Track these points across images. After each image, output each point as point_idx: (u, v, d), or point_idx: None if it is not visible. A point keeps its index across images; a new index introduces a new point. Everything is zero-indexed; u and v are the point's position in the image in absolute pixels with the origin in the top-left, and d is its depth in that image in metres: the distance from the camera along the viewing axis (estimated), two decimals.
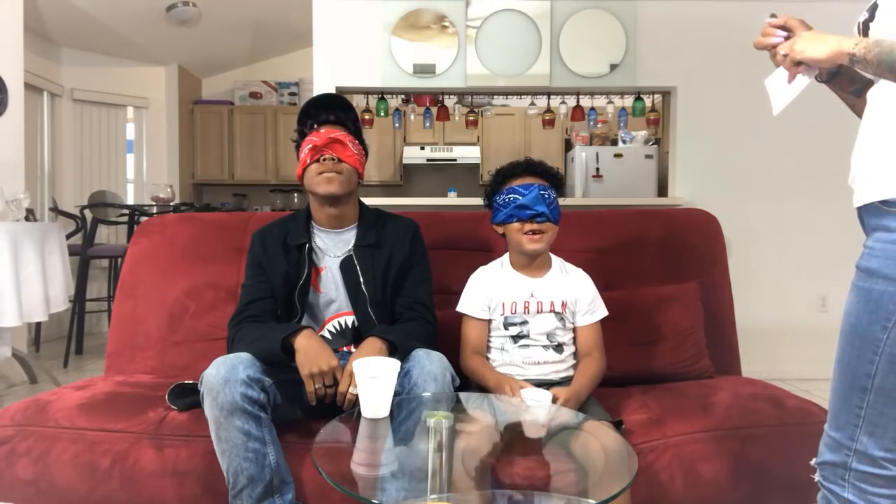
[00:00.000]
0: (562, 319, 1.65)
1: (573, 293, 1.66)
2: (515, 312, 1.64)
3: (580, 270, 1.72)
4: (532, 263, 1.67)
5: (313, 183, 1.64)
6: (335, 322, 1.68)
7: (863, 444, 1.02)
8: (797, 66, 1.07)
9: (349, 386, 1.42)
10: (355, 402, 1.50)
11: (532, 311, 1.64)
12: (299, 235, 1.68)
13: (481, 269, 1.73)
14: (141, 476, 1.46)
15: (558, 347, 1.64)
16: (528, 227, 1.61)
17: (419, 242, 1.76)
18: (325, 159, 1.61)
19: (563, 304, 1.65)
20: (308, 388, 1.43)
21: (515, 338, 1.64)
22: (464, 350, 1.66)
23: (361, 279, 1.65)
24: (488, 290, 1.66)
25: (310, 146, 1.63)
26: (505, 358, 1.65)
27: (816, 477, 1.10)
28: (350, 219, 1.73)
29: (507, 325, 1.64)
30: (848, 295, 1.04)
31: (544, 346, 1.63)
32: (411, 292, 1.69)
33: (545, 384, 1.62)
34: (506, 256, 1.74)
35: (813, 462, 1.11)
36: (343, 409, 1.48)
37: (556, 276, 1.69)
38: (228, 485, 1.37)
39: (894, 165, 0.97)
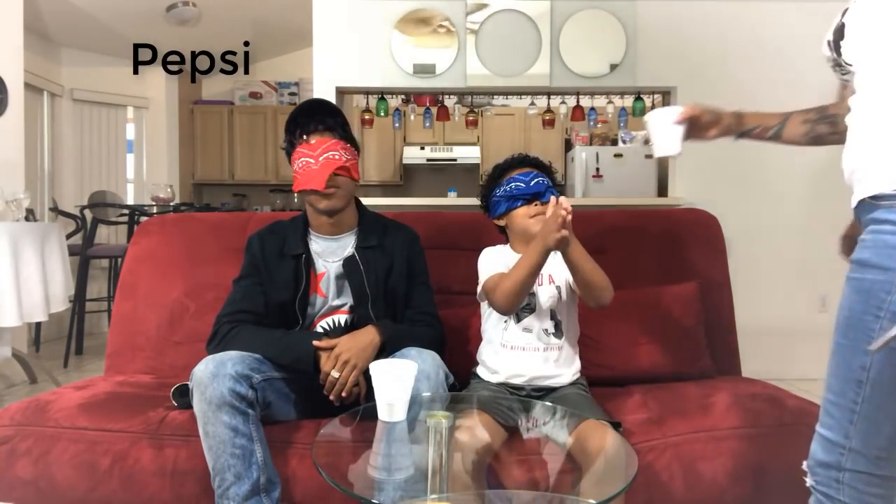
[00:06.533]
0: (559, 291, 1.64)
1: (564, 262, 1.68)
2: None
3: None
4: None
5: (312, 199, 1.66)
6: (328, 320, 1.69)
7: (857, 442, 0.99)
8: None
9: (333, 369, 1.47)
10: (355, 399, 1.51)
11: (536, 283, 1.63)
12: (296, 245, 1.68)
13: (487, 248, 1.73)
14: (141, 476, 1.46)
15: (558, 329, 1.63)
16: (533, 209, 1.61)
17: (420, 253, 1.77)
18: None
19: (559, 275, 1.66)
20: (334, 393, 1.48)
21: (520, 314, 1.62)
22: (494, 293, 1.57)
23: (365, 278, 1.65)
24: (499, 259, 1.65)
25: (304, 161, 1.62)
26: (505, 339, 1.62)
27: (808, 481, 1.06)
28: (348, 224, 1.74)
29: None
30: (843, 289, 1.04)
31: (545, 331, 1.62)
32: (417, 303, 1.71)
33: (542, 389, 1.62)
34: (505, 246, 1.73)
35: (804, 465, 1.07)
36: (343, 402, 1.48)
37: (552, 255, 1.70)
38: (214, 483, 1.37)
39: (879, 162, 1.00)
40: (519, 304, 1.56)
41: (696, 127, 1.31)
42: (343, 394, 1.47)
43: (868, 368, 0.97)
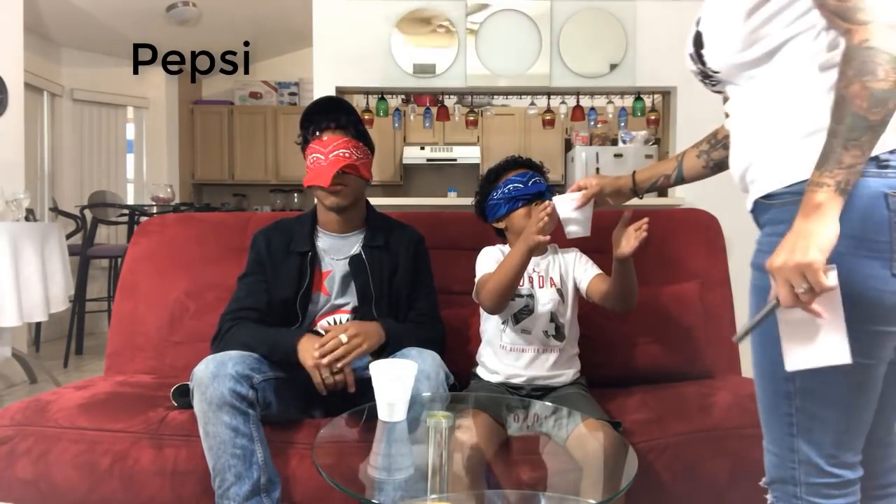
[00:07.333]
0: (561, 295, 1.65)
1: (568, 266, 1.69)
2: (522, 285, 1.62)
3: (571, 249, 1.73)
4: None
5: (319, 195, 1.67)
6: (330, 319, 1.69)
7: (805, 453, 0.94)
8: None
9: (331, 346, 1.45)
10: (342, 391, 1.49)
11: (536, 285, 1.64)
12: (304, 242, 1.69)
13: (486, 248, 1.72)
14: (141, 476, 1.46)
15: (559, 332, 1.63)
16: (534, 210, 1.60)
17: (425, 254, 1.78)
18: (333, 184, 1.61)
19: (562, 279, 1.67)
20: (315, 380, 1.45)
21: (518, 316, 1.62)
22: (480, 292, 1.58)
23: (371, 277, 1.66)
24: (497, 259, 1.64)
25: (315, 157, 1.63)
26: (504, 341, 1.62)
27: (769, 499, 1.01)
28: (356, 223, 1.74)
29: (512, 297, 1.60)
30: (749, 298, 1.00)
31: (546, 332, 1.62)
32: (420, 305, 1.72)
33: (541, 389, 1.62)
34: (505, 246, 1.73)
35: (762, 482, 1.02)
36: (330, 390, 1.46)
37: (552, 256, 1.71)
38: (215, 484, 1.37)
39: (768, 161, 0.97)
40: (503, 304, 1.55)
41: (602, 199, 1.46)
42: (339, 364, 1.43)
43: (792, 379, 0.93)
